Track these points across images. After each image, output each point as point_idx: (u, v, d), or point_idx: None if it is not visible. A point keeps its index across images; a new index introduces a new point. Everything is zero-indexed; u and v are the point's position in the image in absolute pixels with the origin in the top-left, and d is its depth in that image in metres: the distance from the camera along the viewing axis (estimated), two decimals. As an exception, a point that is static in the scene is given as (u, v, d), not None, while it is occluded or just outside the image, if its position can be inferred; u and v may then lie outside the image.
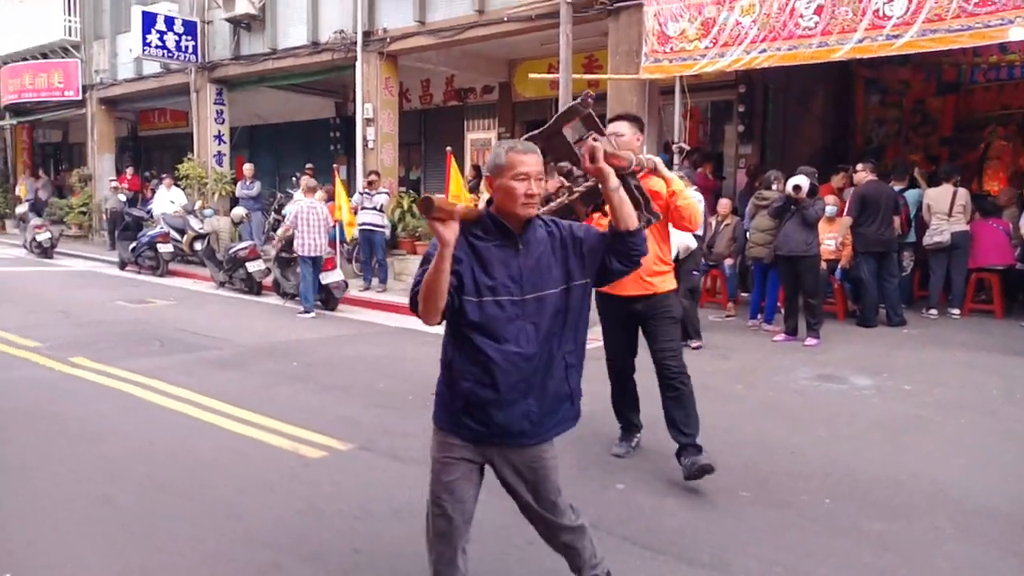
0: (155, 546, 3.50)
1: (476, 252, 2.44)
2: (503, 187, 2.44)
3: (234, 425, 5.21)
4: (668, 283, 4.41)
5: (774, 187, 8.36)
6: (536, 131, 3.35)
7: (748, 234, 8.72)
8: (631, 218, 2.49)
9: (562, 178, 3.24)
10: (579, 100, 3.16)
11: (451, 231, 2.24)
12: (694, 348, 7.45)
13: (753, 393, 6.19)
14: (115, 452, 4.71)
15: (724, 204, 9.75)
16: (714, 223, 9.55)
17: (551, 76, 10.48)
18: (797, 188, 7.70)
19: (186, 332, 8.47)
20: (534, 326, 2.46)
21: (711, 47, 8.73)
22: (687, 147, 9.81)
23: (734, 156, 12.56)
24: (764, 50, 8.37)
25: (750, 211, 8.66)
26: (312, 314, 9.79)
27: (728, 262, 9.40)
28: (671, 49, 9.07)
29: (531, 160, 2.43)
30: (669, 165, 10.20)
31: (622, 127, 4.12)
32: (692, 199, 4.19)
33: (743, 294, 9.85)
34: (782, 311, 8.38)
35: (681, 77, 9.22)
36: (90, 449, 4.73)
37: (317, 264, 9.98)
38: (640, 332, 4.50)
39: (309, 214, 9.78)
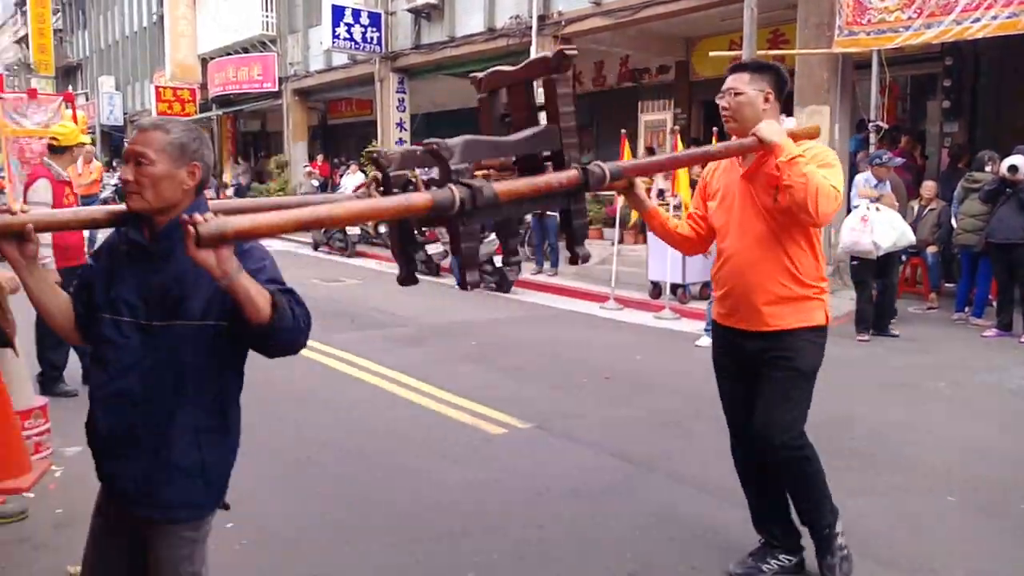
0: (350, 504, 3.76)
1: (114, 257, 1.96)
2: None
3: (421, 399, 5.46)
4: (800, 315, 2.79)
5: (987, 168, 7.68)
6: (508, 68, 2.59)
7: (956, 220, 8.01)
8: (261, 311, 1.76)
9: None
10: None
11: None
12: (859, 340, 7.25)
13: (959, 392, 5.73)
14: (317, 418, 5.09)
15: (929, 187, 8.96)
16: (916, 207, 8.84)
17: (733, 53, 10.08)
18: (1013, 169, 7.11)
19: (374, 310, 8.96)
20: (153, 363, 1.90)
21: (915, 18, 8.03)
22: (885, 125, 9.12)
23: (938, 134, 11.49)
24: (978, 19, 7.59)
25: (959, 195, 7.96)
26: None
27: (931, 250, 8.67)
28: (869, 21, 8.43)
29: (137, 138, 1.86)
30: (865, 145, 9.56)
31: (741, 82, 2.79)
32: (815, 179, 2.54)
33: (947, 284, 9.06)
34: (993, 304, 7.65)
35: (879, 50, 8.55)
36: (296, 413, 5.13)
37: None
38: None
39: None
